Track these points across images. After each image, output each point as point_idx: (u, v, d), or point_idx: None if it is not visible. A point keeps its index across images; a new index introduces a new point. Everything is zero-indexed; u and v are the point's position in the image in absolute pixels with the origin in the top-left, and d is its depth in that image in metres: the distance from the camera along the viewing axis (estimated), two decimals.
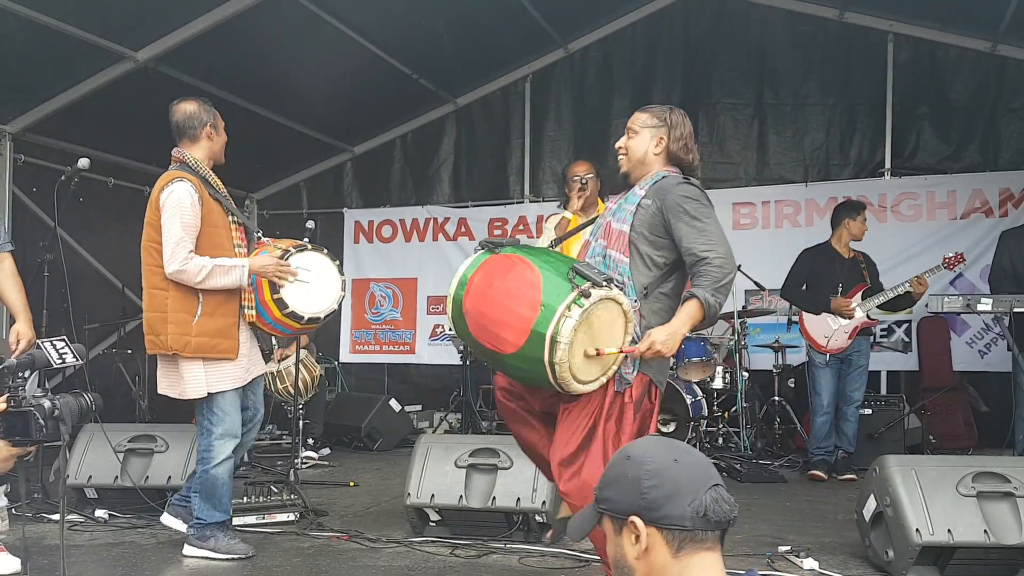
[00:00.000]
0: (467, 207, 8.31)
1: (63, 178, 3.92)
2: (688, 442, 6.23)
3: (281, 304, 3.65)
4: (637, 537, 1.45)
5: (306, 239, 3.93)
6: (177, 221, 3.53)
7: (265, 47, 6.43)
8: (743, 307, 6.85)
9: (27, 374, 2.64)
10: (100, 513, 4.41)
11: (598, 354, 2.63)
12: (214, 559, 3.66)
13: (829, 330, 5.81)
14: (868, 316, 5.76)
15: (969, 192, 7.02)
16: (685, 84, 7.89)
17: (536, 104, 8.21)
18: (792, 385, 6.77)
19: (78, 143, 6.26)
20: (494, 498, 3.87)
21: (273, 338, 6.34)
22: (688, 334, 6.56)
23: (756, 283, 6.63)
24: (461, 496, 3.89)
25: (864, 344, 5.85)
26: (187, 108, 3.74)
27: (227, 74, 6.54)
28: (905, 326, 7.14)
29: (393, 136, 8.68)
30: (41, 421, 2.47)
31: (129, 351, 6.86)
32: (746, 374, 6.56)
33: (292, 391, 6.10)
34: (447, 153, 8.58)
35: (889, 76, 7.27)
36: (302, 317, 3.69)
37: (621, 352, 2.70)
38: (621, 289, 2.71)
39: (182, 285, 3.57)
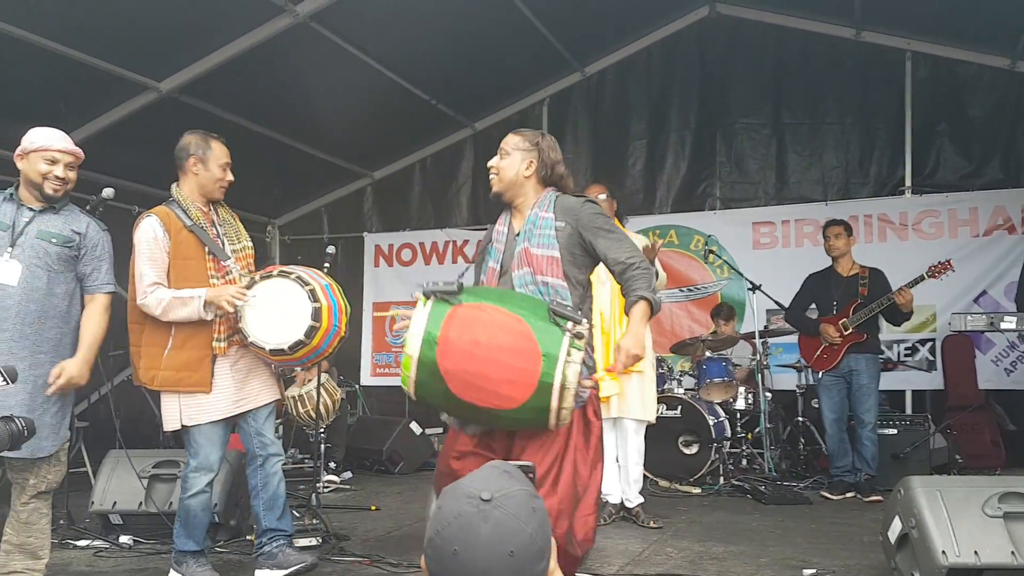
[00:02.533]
0: (486, 229, 8.31)
1: (88, 207, 3.97)
2: (711, 464, 6.18)
3: (243, 334, 3.54)
4: None
5: (265, 271, 3.74)
6: (140, 256, 3.56)
7: (286, 76, 6.53)
8: (764, 327, 6.81)
9: None
10: (124, 539, 4.45)
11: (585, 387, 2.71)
12: None
13: (818, 346, 5.90)
14: (855, 330, 5.76)
15: (991, 209, 6.97)
16: (701, 105, 7.92)
17: (553, 127, 8.24)
18: (816, 405, 6.71)
19: (103, 172, 6.35)
20: None
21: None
22: (712, 354, 6.62)
23: (777, 303, 6.59)
24: None
25: (863, 362, 5.78)
26: (183, 139, 3.75)
27: (249, 103, 6.65)
28: (929, 344, 7.07)
29: (412, 161, 8.77)
30: None
31: None
32: (769, 394, 6.52)
33: (314, 415, 6.13)
34: (465, 177, 8.64)
35: (907, 94, 7.26)
36: (264, 347, 3.50)
37: (604, 377, 2.83)
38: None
39: (155, 319, 3.54)
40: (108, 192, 3.95)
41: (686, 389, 6.69)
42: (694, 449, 6.30)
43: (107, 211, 3.98)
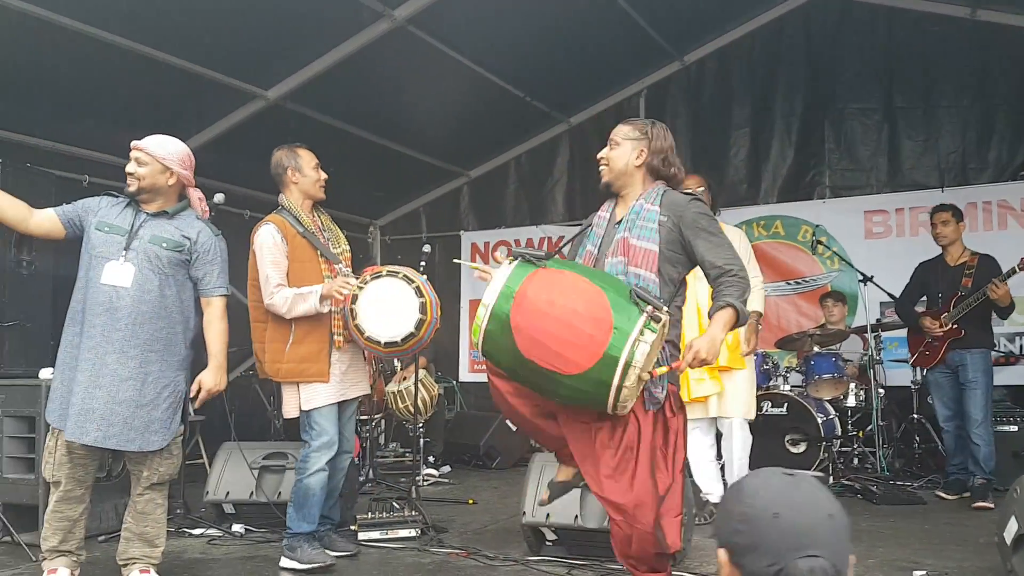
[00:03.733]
0: (581, 225, 8.30)
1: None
2: (820, 464, 5.98)
3: (359, 330, 3.88)
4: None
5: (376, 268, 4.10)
6: (263, 261, 3.93)
7: (384, 80, 6.67)
8: (877, 320, 6.54)
9: None
10: (237, 528, 4.65)
11: (651, 376, 2.64)
12: (301, 570, 3.85)
13: (922, 342, 5.68)
14: (954, 325, 5.48)
15: None
16: (808, 91, 7.66)
17: (651, 118, 8.13)
18: (931, 401, 6.41)
19: (214, 178, 6.62)
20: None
21: (395, 359, 6.62)
22: (820, 349, 6.38)
23: (890, 295, 6.30)
24: (576, 516, 3.86)
25: (970, 358, 5.45)
26: (273, 158, 4.15)
27: (350, 107, 6.84)
28: None
29: (507, 159, 8.82)
30: None
31: None
32: (882, 391, 6.26)
33: (412, 410, 6.26)
34: (560, 172, 8.63)
35: None
36: (379, 341, 3.87)
37: (671, 369, 2.72)
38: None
39: (277, 317, 3.91)
40: (219, 197, 4.17)
41: (793, 386, 6.49)
42: (801, 448, 6.11)
43: (218, 215, 4.18)
